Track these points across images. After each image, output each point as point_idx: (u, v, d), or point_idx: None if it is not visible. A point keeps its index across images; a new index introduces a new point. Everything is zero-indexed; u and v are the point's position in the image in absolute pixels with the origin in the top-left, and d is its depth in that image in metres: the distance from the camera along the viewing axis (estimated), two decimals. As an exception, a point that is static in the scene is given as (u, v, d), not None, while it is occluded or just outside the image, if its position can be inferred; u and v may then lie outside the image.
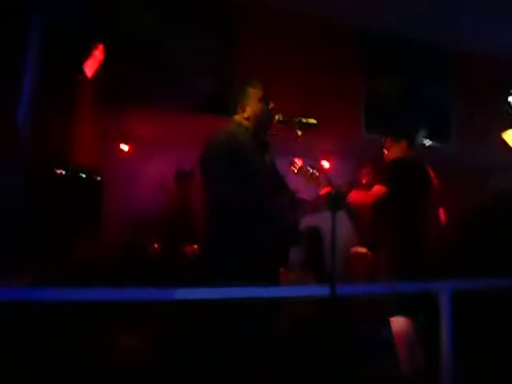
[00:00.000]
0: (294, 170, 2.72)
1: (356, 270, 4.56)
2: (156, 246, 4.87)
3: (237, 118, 2.38)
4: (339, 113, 5.20)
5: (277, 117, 2.27)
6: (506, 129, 6.10)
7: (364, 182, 4.15)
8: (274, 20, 5.16)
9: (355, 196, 2.98)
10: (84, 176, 4.20)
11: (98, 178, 4.36)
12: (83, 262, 4.74)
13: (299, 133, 2.17)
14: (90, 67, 4.22)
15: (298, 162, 2.66)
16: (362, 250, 4.70)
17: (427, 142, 5.98)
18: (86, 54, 4.18)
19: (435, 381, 2.19)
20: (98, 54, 4.28)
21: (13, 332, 2.72)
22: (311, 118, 2.23)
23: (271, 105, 2.36)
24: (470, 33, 5.43)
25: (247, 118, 2.34)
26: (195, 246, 4.63)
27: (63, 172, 3.91)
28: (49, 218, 3.67)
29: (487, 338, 3.49)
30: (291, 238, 2.38)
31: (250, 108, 2.35)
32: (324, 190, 2.61)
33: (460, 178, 5.94)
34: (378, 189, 2.94)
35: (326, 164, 6.32)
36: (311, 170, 2.72)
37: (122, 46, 4.60)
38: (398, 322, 2.82)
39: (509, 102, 6.22)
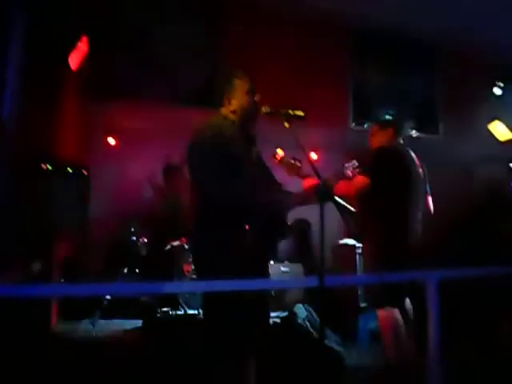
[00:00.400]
0: (275, 161, 2.71)
1: (344, 261, 4.59)
2: (145, 240, 4.85)
3: (223, 110, 2.36)
4: (327, 104, 5.20)
5: (263, 109, 2.26)
6: (492, 120, 6.16)
7: (351, 174, 4.17)
8: (260, 10, 5.13)
9: (339, 187, 2.99)
10: (70, 170, 4.16)
11: (85, 173, 4.33)
12: (70, 256, 4.72)
13: (286, 125, 2.16)
14: (75, 59, 4.17)
15: (280, 153, 2.65)
16: (350, 241, 4.74)
17: (414, 133, 6.02)
18: (71, 46, 4.12)
19: (423, 370, 2.21)
20: (82, 46, 4.22)
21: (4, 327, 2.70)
22: (298, 109, 2.22)
23: (258, 97, 2.35)
24: (457, 24, 5.44)
25: (233, 111, 2.33)
26: (183, 240, 4.62)
27: (49, 167, 3.87)
28: (35, 214, 3.63)
29: (474, 326, 3.54)
30: (280, 230, 2.38)
31: (236, 101, 2.33)
32: (307, 181, 2.61)
33: (446, 170, 6.00)
34: (361, 179, 2.94)
35: (313, 156, 6.34)
36: (293, 161, 2.72)
37: (107, 37, 4.54)
38: (385, 312, 2.85)
39: (495, 93, 6.27)
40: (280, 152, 2.67)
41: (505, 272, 2.52)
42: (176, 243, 4.62)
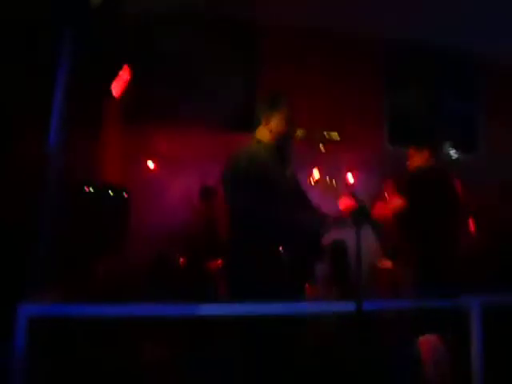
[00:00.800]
0: (311, 182, 2.72)
1: (381, 285, 4.49)
2: (182, 260, 4.91)
3: (258, 132, 2.38)
4: (362, 126, 5.19)
5: (299, 132, 2.29)
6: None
7: (387, 195, 4.12)
8: (298, 36, 5.21)
9: (376, 209, 2.96)
10: (111, 193, 4.29)
11: (125, 195, 4.45)
12: (111, 277, 4.82)
13: (322, 148, 2.18)
14: (117, 87, 4.34)
15: (316, 174, 2.66)
16: (388, 263, 4.63)
17: (454, 154, 5.90)
18: (113, 74, 4.30)
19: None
20: (124, 75, 4.39)
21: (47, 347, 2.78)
22: (334, 132, 2.23)
23: (295, 130, 2.36)
24: (497, 45, 5.35)
25: (270, 131, 2.34)
26: (219, 261, 4.65)
27: (91, 190, 4.01)
28: (78, 235, 3.75)
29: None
30: (316, 253, 2.37)
31: (274, 123, 2.35)
32: (343, 202, 2.60)
33: (487, 190, 5.82)
34: (397, 200, 2.91)
35: (350, 178, 6.29)
36: (329, 181, 2.72)
37: (147, 63, 4.70)
38: (427, 339, 2.76)
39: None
40: (316, 173, 2.68)
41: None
42: (213, 265, 4.66)
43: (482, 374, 2.09)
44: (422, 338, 2.78)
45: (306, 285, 2.63)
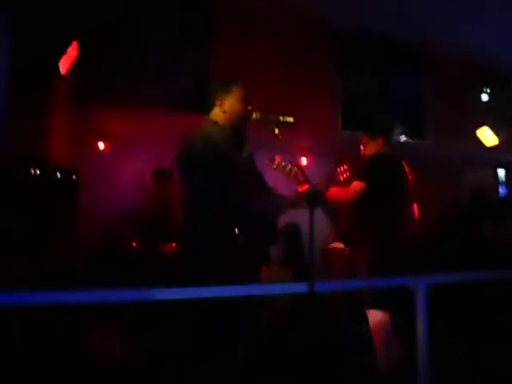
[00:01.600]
0: (273, 167, 2.73)
1: (333, 266, 4.61)
2: (134, 244, 4.83)
3: (213, 114, 2.36)
4: (316, 110, 5.23)
5: (254, 115, 2.28)
6: (479, 126, 6.24)
7: (342, 179, 4.20)
8: (249, 18, 5.15)
9: (335, 192, 3.01)
10: (59, 175, 4.13)
11: (74, 177, 4.30)
12: (60, 261, 4.67)
13: (276, 131, 2.18)
14: (65, 64, 4.15)
15: (277, 159, 2.67)
16: (340, 245, 4.76)
17: (402, 139, 6.08)
18: (61, 50, 4.11)
19: (413, 374, 2.23)
20: (72, 51, 4.21)
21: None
22: (288, 116, 2.24)
23: (250, 107, 2.35)
24: (444, 31, 5.51)
25: (224, 112, 2.33)
26: (173, 245, 4.60)
27: (37, 172, 3.85)
28: (23, 219, 3.60)
29: (464, 331, 3.57)
30: (270, 235, 2.39)
31: (228, 103, 2.34)
32: (302, 187, 2.63)
33: (435, 175, 6.06)
34: (357, 184, 2.99)
35: (303, 161, 6.37)
36: (290, 166, 2.73)
37: (96, 41, 4.53)
38: (376, 316, 2.87)
39: (482, 99, 6.36)
40: (277, 158, 2.69)
41: (489, 277, 2.55)
42: (167, 248, 4.61)
43: (428, 350, 2.19)
44: (371, 316, 2.88)
45: (262, 266, 2.66)
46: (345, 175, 3.35)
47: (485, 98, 6.34)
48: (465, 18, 5.26)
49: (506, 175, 8.00)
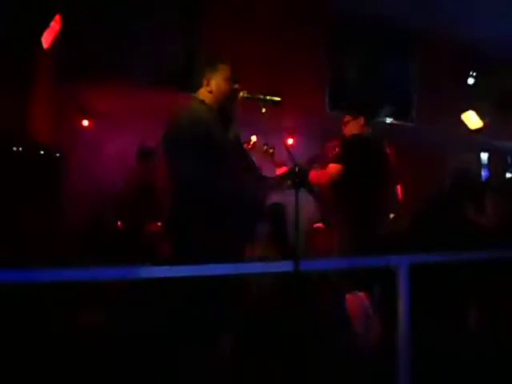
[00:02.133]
0: (248, 147, 2.73)
1: (316, 246, 4.67)
2: (119, 223, 4.80)
3: (199, 93, 2.35)
4: (303, 90, 5.21)
5: (241, 93, 2.27)
6: (465, 110, 6.29)
7: (331, 156, 4.22)
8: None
9: (313, 175, 3.04)
10: (42, 153, 4.08)
11: (57, 155, 4.24)
12: (44, 240, 4.64)
13: (263, 110, 2.18)
14: (48, 38, 4.05)
15: (253, 139, 2.67)
16: (322, 225, 4.81)
17: (388, 120, 6.10)
18: (43, 24, 4.00)
19: (392, 353, 2.27)
20: (54, 25, 4.10)
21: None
22: (275, 95, 2.23)
23: (236, 86, 2.34)
24: (433, 13, 5.49)
25: (210, 91, 2.31)
26: (159, 224, 4.59)
27: (20, 149, 3.79)
28: (5, 196, 3.56)
29: (444, 311, 3.65)
30: (257, 213, 2.40)
31: (215, 83, 2.32)
32: (280, 169, 2.65)
33: (419, 156, 6.12)
34: (333, 167, 3.00)
35: (289, 141, 6.36)
36: (265, 147, 2.74)
37: (80, 16, 4.42)
38: (354, 296, 2.91)
39: (468, 83, 6.39)
40: (253, 138, 2.68)
41: (472, 258, 2.60)
42: (152, 227, 4.60)
43: (409, 329, 2.23)
44: (349, 296, 2.92)
45: (247, 246, 2.68)
46: (334, 152, 3.37)
47: (471, 81, 6.37)
48: (452, 1, 5.25)
49: (489, 159, 8.13)
